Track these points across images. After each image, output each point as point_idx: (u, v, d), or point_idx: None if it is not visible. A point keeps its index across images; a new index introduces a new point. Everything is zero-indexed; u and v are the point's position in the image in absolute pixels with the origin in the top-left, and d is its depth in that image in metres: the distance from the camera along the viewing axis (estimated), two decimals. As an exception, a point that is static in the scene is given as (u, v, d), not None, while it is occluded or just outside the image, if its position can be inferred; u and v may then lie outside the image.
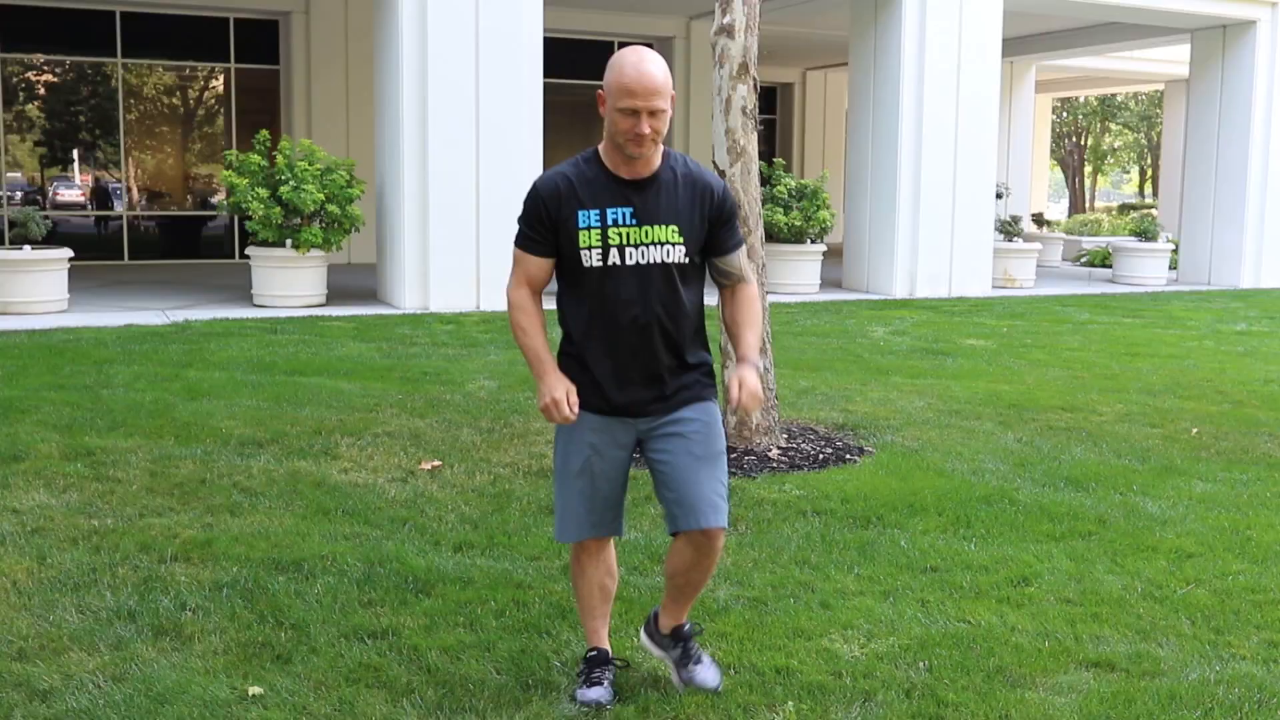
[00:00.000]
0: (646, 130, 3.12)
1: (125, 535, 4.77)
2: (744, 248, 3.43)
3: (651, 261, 3.24)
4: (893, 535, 5.04)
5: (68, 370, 8.23)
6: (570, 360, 3.34)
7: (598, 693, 3.44)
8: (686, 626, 3.56)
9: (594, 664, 3.51)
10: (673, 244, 3.25)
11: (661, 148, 3.26)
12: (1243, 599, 4.39)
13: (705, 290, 3.43)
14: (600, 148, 3.28)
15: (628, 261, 3.23)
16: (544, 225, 3.25)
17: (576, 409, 3.23)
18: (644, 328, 3.25)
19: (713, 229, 3.32)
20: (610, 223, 3.22)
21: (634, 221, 3.22)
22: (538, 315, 3.34)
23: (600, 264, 3.23)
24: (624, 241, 3.22)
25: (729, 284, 3.41)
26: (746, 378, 3.22)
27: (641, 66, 3.12)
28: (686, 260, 3.28)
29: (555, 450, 3.43)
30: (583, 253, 3.22)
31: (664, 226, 3.24)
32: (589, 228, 3.21)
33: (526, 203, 3.28)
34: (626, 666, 3.63)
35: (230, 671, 3.56)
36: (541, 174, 3.29)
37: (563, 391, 3.22)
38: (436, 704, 3.39)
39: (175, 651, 3.70)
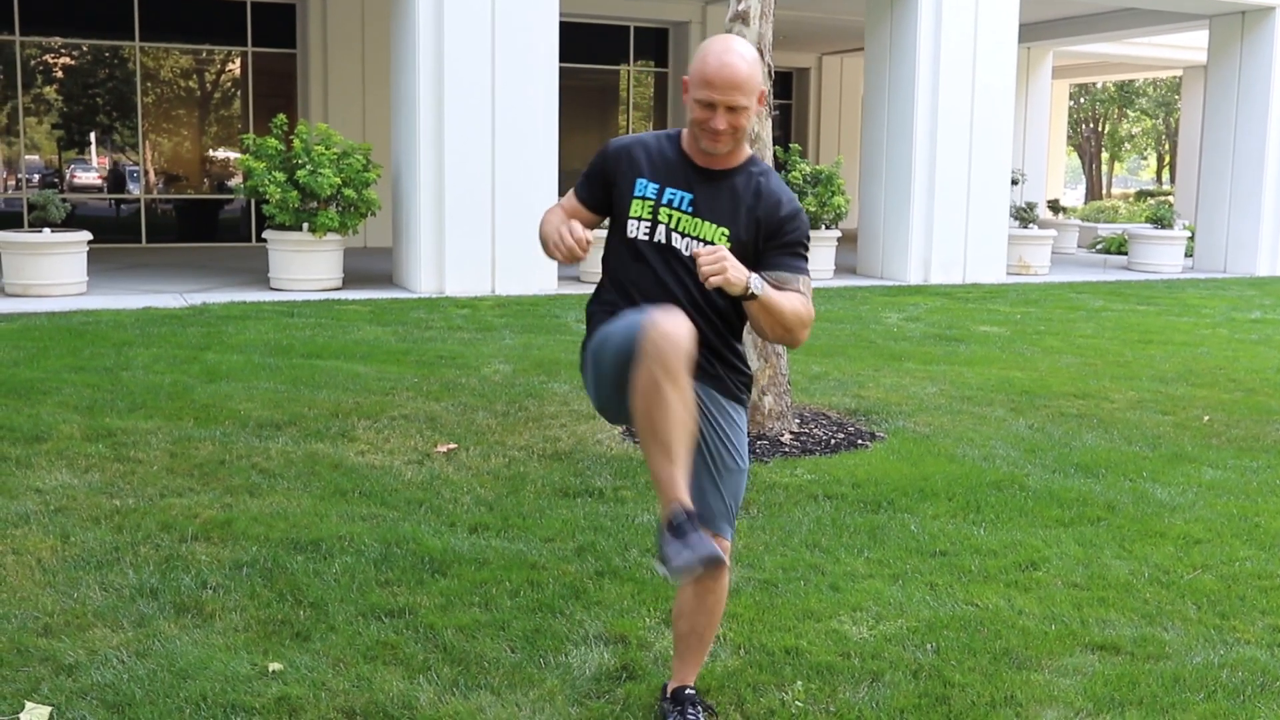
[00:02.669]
0: (722, 126, 2.90)
1: (146, 515, 4.85)
2: (804, 279, 3.02)
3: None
4: (903, 519, 5.09)
5: (88, 352, 8.33)
6: (602, 303, 3.11)
7: (694, 548, 2.66)
8: (689, 691, 3.24)
9: (682, 518, 2.71)
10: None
11: (748, 151, 3.06)
12: (1249, 584, 4.43)
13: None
14: (684, 130, 3.09)
15: (674, 244, 3.01)
16: (599, 180, 3.10)
17: (584, 238, 2.91)
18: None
19: (766, 245, 3.00)
20: (665, 201, 3.01)
21: (689, 209, 3.00)
22: (560, 214, 3.13)
23: (647, 237, 3.02)
24: (673, 225, 3.00)
25: None
26: (728, 254, 2.84)
27: (725, 57, 2.88)
28: None
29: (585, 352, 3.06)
30: (630, 222, 3.04)
31: (716, 227, 2.98)
32: (643, 197, 3.02)
33: (594, 156, 3.14)
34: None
35: (251, 648, 3.63)
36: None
37: (566, 226, 2.93)
38: (452, 681, 3.45)
39: (197, 628, 3.78)
